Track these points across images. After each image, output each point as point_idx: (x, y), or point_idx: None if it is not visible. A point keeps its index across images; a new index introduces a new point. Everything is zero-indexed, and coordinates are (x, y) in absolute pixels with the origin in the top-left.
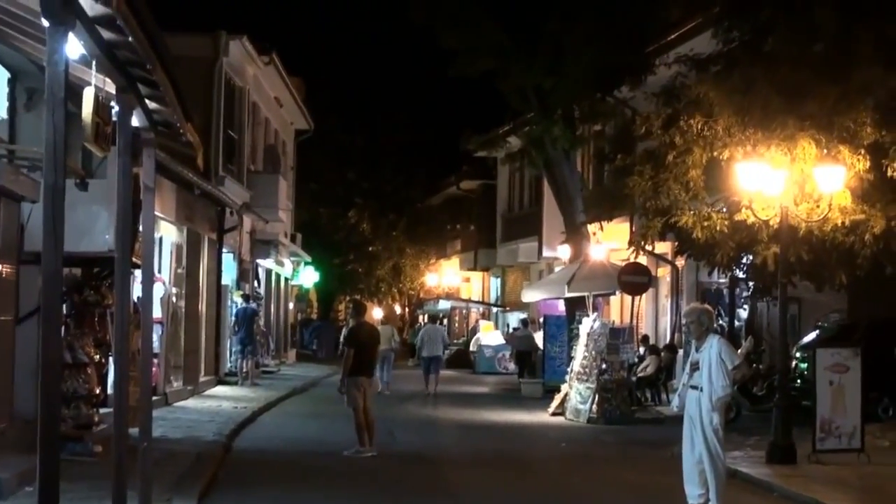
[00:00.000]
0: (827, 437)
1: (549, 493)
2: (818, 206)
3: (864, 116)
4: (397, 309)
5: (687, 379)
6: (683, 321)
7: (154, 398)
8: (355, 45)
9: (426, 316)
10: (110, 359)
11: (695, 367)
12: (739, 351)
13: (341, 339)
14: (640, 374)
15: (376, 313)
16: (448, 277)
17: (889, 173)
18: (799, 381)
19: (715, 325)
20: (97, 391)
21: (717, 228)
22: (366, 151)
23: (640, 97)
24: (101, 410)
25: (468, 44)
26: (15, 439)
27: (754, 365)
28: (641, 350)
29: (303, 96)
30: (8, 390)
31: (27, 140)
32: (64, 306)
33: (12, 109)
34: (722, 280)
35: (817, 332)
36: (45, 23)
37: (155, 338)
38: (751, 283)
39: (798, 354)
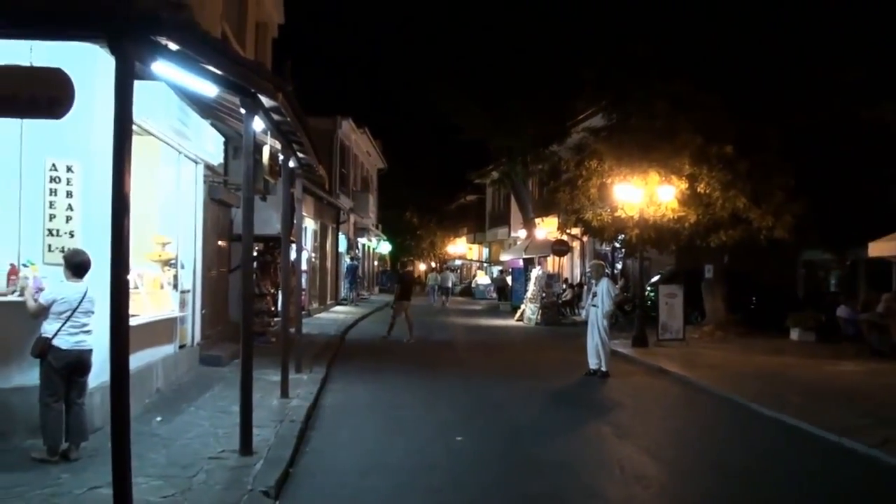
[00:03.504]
0: (664, 332)
1: (515, 362)
2: (659, 208)
3: (684, 160)
4: (433, 264)
5: (590, 301)
6: (588, 270)
7: (303, 312)
8: (410, 121)
9: (447, 268)
10: (279, 291)
11: (594, 294)
12: (618, 286)
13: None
14: (563, 299)
15: (422, 267)
16: (460, 248)
17: (698, 190)
18: (649, 302)
19: (605, 272)
20: (272, 308)
21: (605, 220)
22: (415, 179)
23: (563, 150)
24: (275, 319)
25: (468, 123)
26: (228, 334)
27: (626, 294)
28: (564, 286)
29: (382, 149)
30: (225, 307)
31: (234, 174)
32: (254, 263)
33: (226, 158)
34: (608, 248)
35: (659, 276)
36: (243, 111)
37: (303, 280)
38: (623, 250)
39: (649, 288)
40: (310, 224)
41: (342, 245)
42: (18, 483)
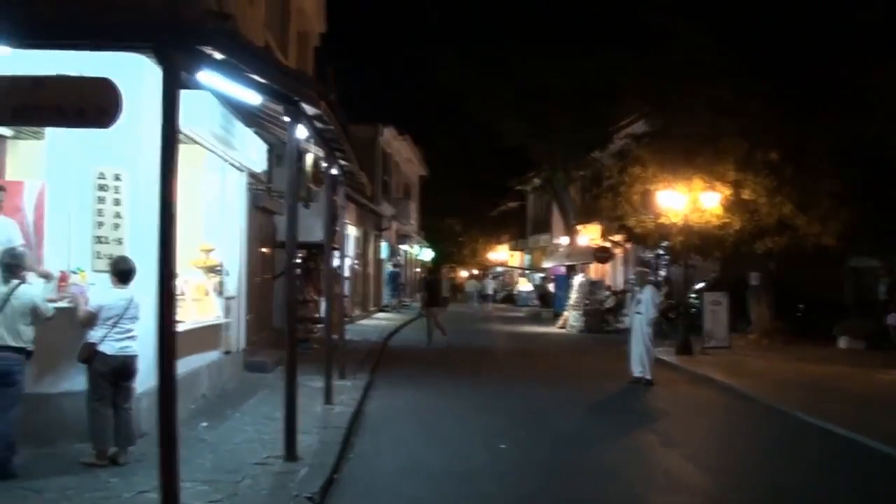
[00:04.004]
0: (710, 340)
1: (557, 369)
2: (703, 215)
3: (728, 166)
4: (474, 272)
5: (634, 308)
6: (631, 277)
7: (345, 319)
8: (452, 127)
9: (488, 276)
10: (322, 298)
11: (638, 301)
12: (662, 292)
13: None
14: (606, 306)
15: (464, 274)
16: (501, 255)
17: (742, 196)
18: (694, 310)
19: (650, 279)
20: (316, 315)
21: (648, 227)
22: (457, 187)
23: (605, 156)
24: (318, 326)
25: (508, 130)
26: (272, 340)
27: (670, 301)
28: (607, 293)
29: (423, 156)
30: (269, 314)
31: (277, 182)
32: (297, 270)
33: (269, 165)
34: (651, 254)
35: (704, 283)
36: (286, 119)
37: (346, 287)
38: (667, 256)
39: (693, 295)
40: (352, 231)
41: (384, 252)
42: (68, 486)
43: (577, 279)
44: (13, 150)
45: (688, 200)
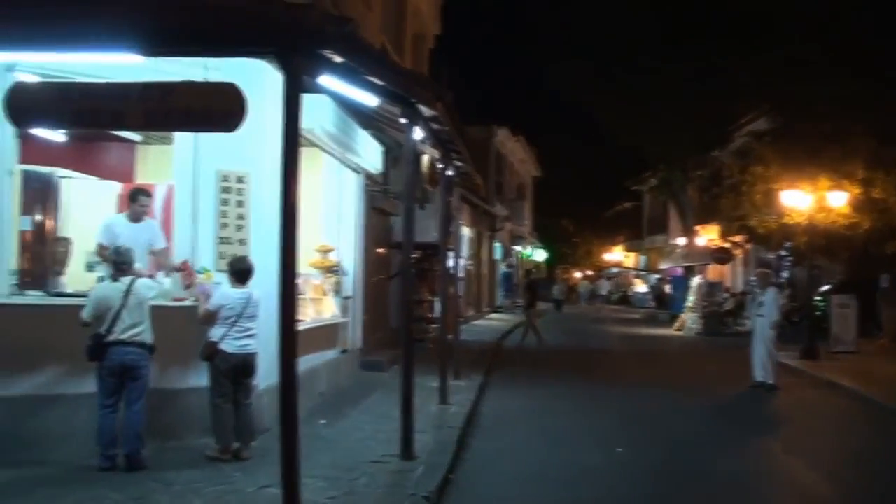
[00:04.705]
0: (836, 344)
1: (674, 372)
2: (830, 214)
3: (857, 164)
4: (588, 272)
5: (756, 310)
6: (753, 279)
7: (459, 319)
8: (567, 128)
9: (602, 277)
10: (436, 298)
11: (760, 304)
12: (784, 294)
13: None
14: (725, 309)
15: (577, 275)
16: (616, 255)
17: (872, 195)
18: (819, 312)
19: (772, 280)
20: (430, 315)
21: (771, 227)
22: (572, 187)
23: (725, 154)
24: (432, 325)
25: (624, 129)
26: (387, 340)
27: (793, 304)
28: (726, 295)
29: (537, 157)
30: (385, 314)
31: (393, 183)
32: (412, 270)
33: (385, 167)
34: (772, 256)
35: (830, 285)
36: (403, 121)
37: (460, 287)
38: (790, 258)
39: (819, 298)
40: (466, 232)
41: (497, 253)
42: (195, 480)
43: (695, 281)
44: (143, 155)
45: (813, 200)
